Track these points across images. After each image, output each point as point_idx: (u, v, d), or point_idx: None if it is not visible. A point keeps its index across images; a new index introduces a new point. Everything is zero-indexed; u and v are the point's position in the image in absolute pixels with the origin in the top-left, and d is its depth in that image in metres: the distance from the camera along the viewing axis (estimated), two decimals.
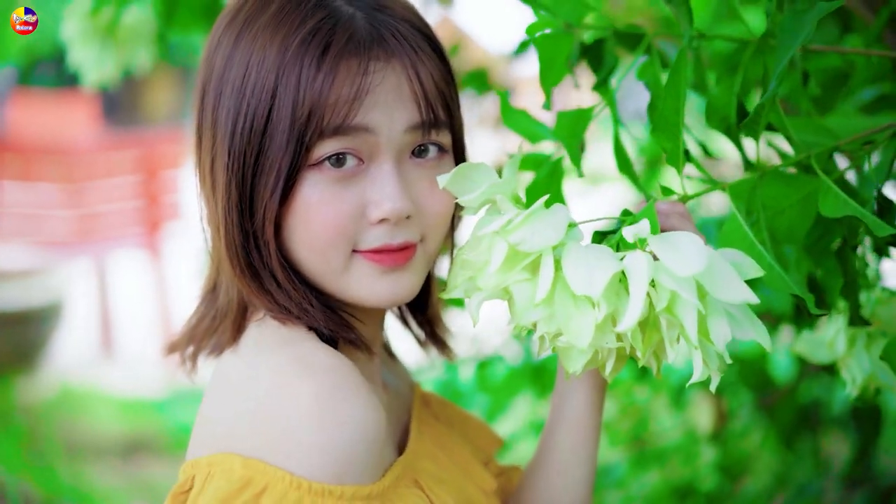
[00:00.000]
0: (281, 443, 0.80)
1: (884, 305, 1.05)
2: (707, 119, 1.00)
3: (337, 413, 0.80)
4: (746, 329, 0.83)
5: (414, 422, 1.03)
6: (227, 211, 0.89)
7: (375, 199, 0.88)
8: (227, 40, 0.91)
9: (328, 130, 0.86)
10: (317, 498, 0.79)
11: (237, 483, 0.80)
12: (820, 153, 0.95)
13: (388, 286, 0.90)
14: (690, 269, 0.76)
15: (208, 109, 0.91)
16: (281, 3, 0.89)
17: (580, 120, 0.98)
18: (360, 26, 0.88)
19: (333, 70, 0.85)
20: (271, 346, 0.88)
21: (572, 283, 0.78)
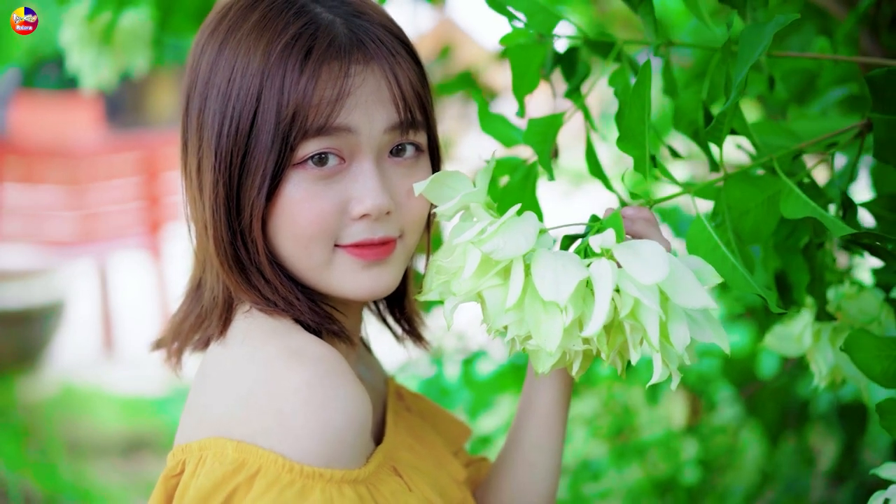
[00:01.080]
0: (274, 428, 0.83)
1: (851, 300, 1.08)
2: (675, 123, 1.03)
3: (327, 400, 0.84)
4: (707, 332, 0.86)
5: (389, 413, 1.06)
6: (215, 210, 0.91)
7: (357, 195, 0.91)
8: (211, 47, 0.94)
9: (312, 130, 0.89)
10: (308, 480, 0.82)
11: (231, 465, 0.83)
12: (783, 155, 0.98)
13: (369, 280, 0.93)
14: (652, 277, 0.80)
15: (194, 114, 0.94)
16: (263, 12, 0.92)
17: (551, 126, 1.01)
18: (340, 31, 0.91)
19: (316, 73, 0.89)
20: (261, 336, 0.90)
21: (541, 289, 0.81)
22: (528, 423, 1.09)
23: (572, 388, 1.10)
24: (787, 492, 2.19)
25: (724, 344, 0.87)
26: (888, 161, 0.95)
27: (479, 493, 1.15)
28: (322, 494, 0.82)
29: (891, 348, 0.94)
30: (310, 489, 0.82)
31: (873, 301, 1.08)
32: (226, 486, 0.83)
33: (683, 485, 2.28)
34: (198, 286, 1.00)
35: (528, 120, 1.01)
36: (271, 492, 0.81)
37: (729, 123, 0.94)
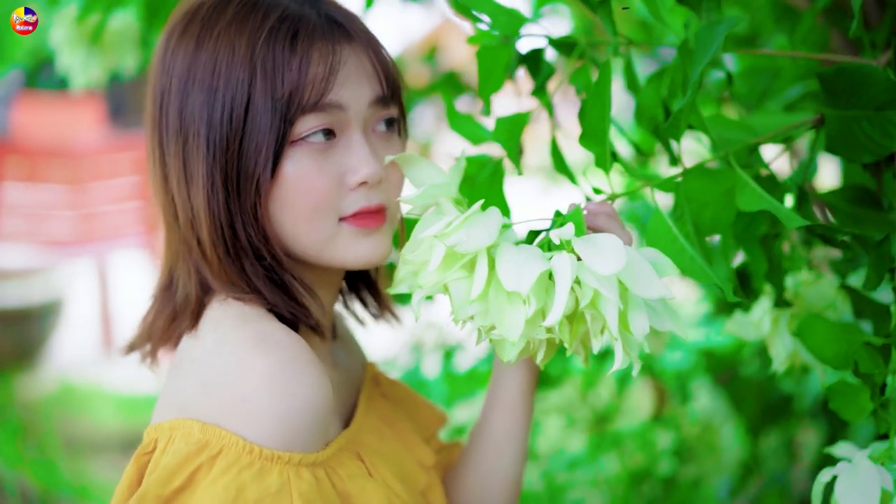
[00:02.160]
0: (237, 411, 0.86)
1: (809, 287, 1.12)
2: (637, 119, 1.06)
3: (288, 386, 0.87)
4: (665, 321, 0.89)
5: (362, 398, 1.09)
6: (211, 199, 0.94)
7: (352, 166, 0.95)
8: (184, 48, 0.96)
9: (308, 107, 0.93)
10: (266, 462, 0.85)
11: (195, 445, 0.86)
12: (739, 150, 1.02)
13: (368, 247, 0.97)
14: (610, 268, 0.82)
15: (172, 113, 0.96)
16: (236, 9, 0.95)
17: (517, 123, 1.03)
18: (314, 16, 0.96)
19: (307, 52, 0.93)
20: (231, 323, 0.93)
21: (504, 280, 0.84)
22: (496, 410, 1.12)
23: (538, 377, 1.13)
24: (771, 485, 2.21)
25: (683, 332, 0.91)
26: (839, 153, 0.98)
27: (448, 477, 1.18)
28: (279, 476, 0.86)
29: (842, 332, 0.97)
30: (268, 471, 0.85)
31: (831, 288, 1.11)
32: (189, 464, 0.85)
33: (659, 476, 2.31)
34: (167, 286, 1.03)
35: (496, 118, 1.04)
36: (231, 472, 0.84)
37: (686, 119, 0.97)
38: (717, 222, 1.02)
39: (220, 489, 0.84)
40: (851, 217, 1.08)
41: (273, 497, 0.85)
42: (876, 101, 0.94)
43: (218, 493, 0.84)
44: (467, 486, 1.15)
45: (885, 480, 0.89)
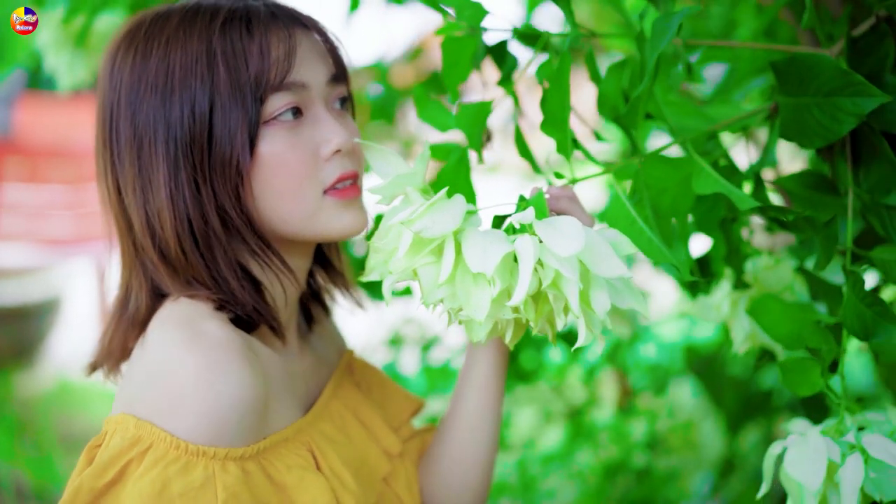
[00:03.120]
0: (166, 408, 0.88)
1: (769, 271, 1.14)
2: (599, 108, 1.08)
3: (214, 385, 0.88)
4: (627, 299, 0.91)
5: (330, 386, 1.10)
6: (174, 198, 0.95)
7: (324, 137, 0.98)
8: (131, 61, 0.97)
9: (274, 86, 0.95)
10: (192, 457, 0.87)
11: (128, 441, 0.88)
12: (697, 137, 1.04)
13: (351, 217, 1.00)
14: (570, 249, 0.83)
15: (121, 125, 0.97)
16: (181, 16, 0.97)
17: (481, 111, 1.05)
18: (261, 7, 0.98)
19: (265, 36, 0.96)
20: (175, 322, 0.94)
21: (470, 262, 0.85)
22: (468, 390, 1.13)
23: (508, 357, 1.14)
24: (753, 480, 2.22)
25: (645, 310, 0.93)
26: (792, 139, 1.00)
27: (422, 461, 1.19)
28: (204, 470, 0.87)
29: (795, 312, 0.99)
30: (193, 465, 0.87)
31: (788, 271, 1.13)
32: (122, 458, 0.88)
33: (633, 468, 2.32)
34: (124, 302, 1.03)
35: (459, 105, 1.05)
36: (157, 466, 0.87)
37: (643, 108, 0.98)
38: (676, 207, 1.04)
39: (146, 483, 0.86)
40: (808, 201, 1.10)
41: (197, 490, 0.87)
42: (825, 88, 0.96)
43: (145, 487, 0.86)
44: (441, 468, 1.16)
45: (832, 452, 0.91)
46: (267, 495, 0.92)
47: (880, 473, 0.90)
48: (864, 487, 0.91)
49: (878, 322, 0.93)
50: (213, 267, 0.97)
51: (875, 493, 0.90)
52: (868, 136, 0.99)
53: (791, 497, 0.94)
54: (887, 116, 1.00)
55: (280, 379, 1.00)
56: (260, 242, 0.99)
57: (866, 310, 0.93)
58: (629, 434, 2.33)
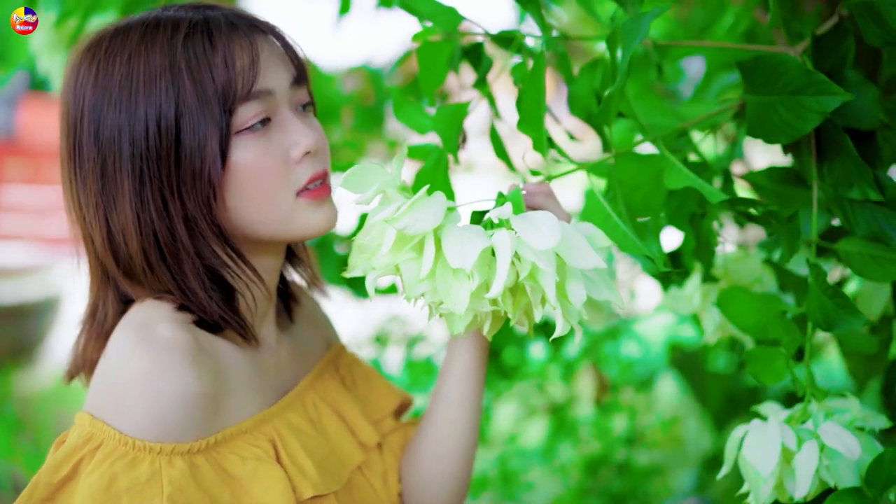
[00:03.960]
0: (116, 406, 0.91)
1: (738, 263, 1.16)
2: (571, 108, 1.09)
3: (157, 384, 0.90)
4: (602, 290, 0.92)
5: (308, 378, 1.11)
6: (139, 213, 0.95)
7: (293, 140, 0.98)
8: (93, 78, 0.97)
9: (242, 96, 0.95)
10: (139, 453, 0.89)
11: (83, 438, 0.91)
12: (667, 134, 1.05)
13: (324, 215, 1.01)
14: (545, 243, 0.85)
15: (84, 142, 0.97)
16: (141, 32, 0.96)
17: (457, 113, 1.06)
18: (220, 15, 0.98)
19: (228, 47, 0.95)
20: (131, 325, 0.95)
21: (449, 258, 0.86)
22: (449, 381, 1.14)
23: (488, 349, 1.16)
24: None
25: (619, 301, 0.94)
26: (759, 136, 1.01)
27: (405, 453, 1.20)
28: (150, 466, 0.89)
29: (761, 303, 1.01)
30: (140, 461, 0.89)
31: (757, 264, 1.15)
32: (76, 455, 0.91)
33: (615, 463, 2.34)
34: (93, 312, 1.05)
35: (436, 108, 1.06)
36: (106, 462, 0.89)
37: (615, 107, 1.00)
38: (648, 203, 1.06)
39: (95, 478, 0.88)
40: (776, 195, 1.11)
41: (143, 485, 0.89)
42: (790, 87, 0.97)
43: (94, 482, 0.88)
44: (422, 459, 1.17)
45: (787, 438, 0.93)
46: (217, 488, 0.93)
47: (834, 461, 0.93)
48: (819, 474, 0.93)
49: (839, 313, 0.94)
50: (181, 279, 0.98)
51: (830, 479, 0.92)
52: (831, 132, 1.01)
53: (747, 480, 0.96)
54: (849, 112, 1.02)
55: (244, 373, 1.01)
56: (230, 251, 0.99)
57: (828, 301, 0.95)
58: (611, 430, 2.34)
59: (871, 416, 0.97)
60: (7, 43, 2.36)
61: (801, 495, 0.92)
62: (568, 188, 1.08)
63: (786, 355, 0.97)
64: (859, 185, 0.99)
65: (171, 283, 0.98)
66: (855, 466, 0.93)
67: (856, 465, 0.93)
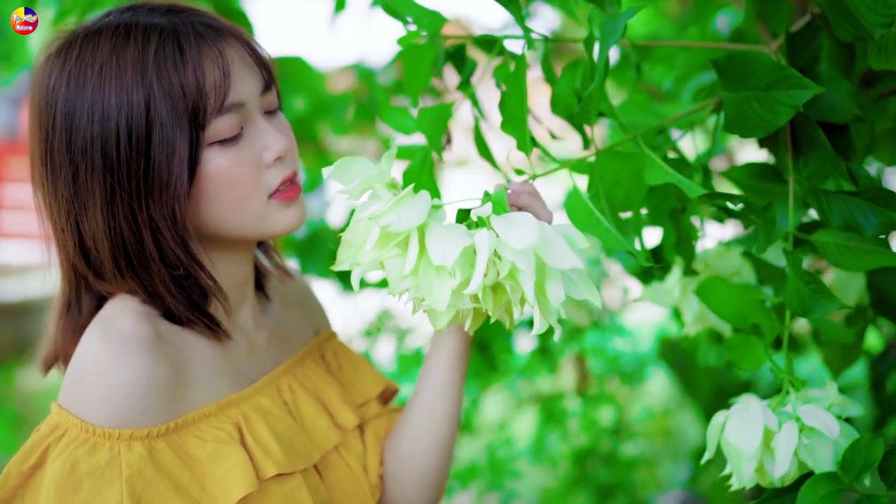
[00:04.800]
0: (78, 396, 0.94)
1: (719, 258, 1.17)
2: (552, 107, 1.10)
3: (112, 373, 0.93)
4: (581, 290, 0.93)
5: (287, 363, 1.13)
6: (109, 222, 0.97)
7: (265, 144, 1.00)
8: (66, 86, 0.97)
9: (214, 111, 0.96)
10: (99, 439, 0.92)
11: (50, 427, 0.94)
12: (646, 132, 1.06)
13: (294, 214, 1.04)
14: (524, 243, 0.85)
15: (56, 150, 0.98)
16: (112, 42, 0.97)
17: (441, 114, 1.07)
18: (190, 24, 0.98)
19: (198, 60, 0.96)
20: (99, 319, 0.99)
21: (432, 255, 0.87)
22: (431, 373, 1.16)
23: (471, 343, 1.17)
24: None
25: (597, 300, 0.96)
26: (735, 132, 1.02)
27: (387, 439, 1.21)
28: (110, 451, 0.92)
29: (740, 292, 1.02)
30: (100, 446, 0.92)
31: (737, 257, 1.16)
32: (43, 443, 0.94)
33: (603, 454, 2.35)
34: (67, 307, 1.07)
35: (420, 110, 1.07)
36: (68, 449, 0.92)
37: (595, 106, 1.01)
38: (630, 199, 1.07)
39: (59, 465, 0.91)
40: (755, 190, 1.13)
41: (102, 470, 0.91)
42: (763, 82, 0.98)
43: (57, 469, 0.91)
44: (402, 445, 1.18)
45: (769, 420, 0.95)
46: (178, 470, 0.95)
47: (813, 440, 0.94)
48: (799, 455, 0.94)
49: (815, 298, 0.96)
50: (148, 284, 1.00)
51: (808, 460, 0.94)
52: (806, 126, 1.02)
53: (730, 461, 0.97)
54: (823, 106, 1.03)
55: (211, 361, 1.03)
56: (193, 262, 1.00)
57: (804, 287, 0.96)
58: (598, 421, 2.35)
59: (846, 403, 0.99)
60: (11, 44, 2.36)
61: (780, 475, 0.93)
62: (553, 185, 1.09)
63: (764, 343, 0.98)
64: (833, 177, 1.00)
65: (139, 287, 1.00)
66: (833, 451, 0.94)
67: (833, 451, 0.94)
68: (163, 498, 0.93)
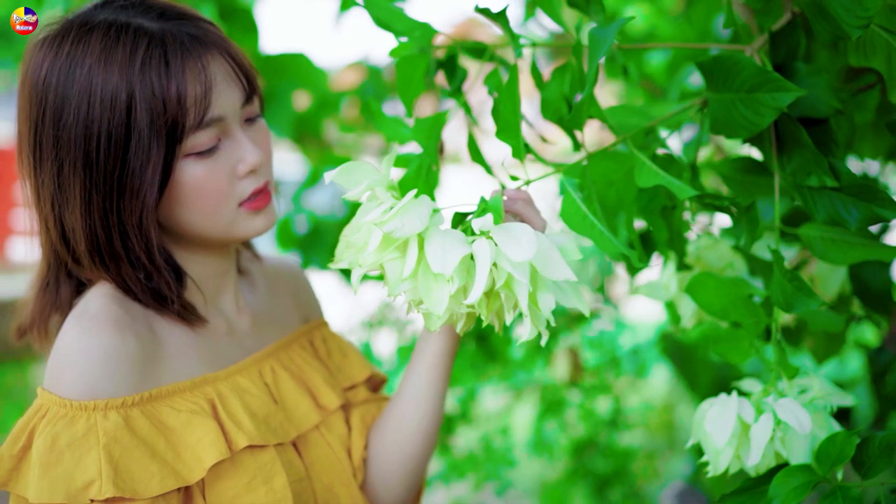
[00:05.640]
0: (55, 376, 0.98)
1: (710, 250, 1.19)
2: (543, 112, 1.12)
3: (82, 349, 0.97)
4: (572, 299, 0.95)
5: (271, 347, 1.17)
6: (86, 219, 1.00)
7: (240, 157, 1.03)
8: (56, 79, 0.99)
9: (192, 126, 0.98)
10: (76, 412, 0.96)
11: (34, 408, 0.99)
12: (636, 133, 1.08)
13: (262, 221, 1.08)
14: (522, 256, 0.87)
15: (45, 142, 1.00)
16: (103, 38, 0.98)
17: (435, 123, 1.08)
18: (178, 33, 0.99)
19: (182, 75, 0.98)
20: (79, 305, 1.03)
21: (431, 263, 0.88)
22: (417, 367, 1.18)
23: (458, 342, 1.19)
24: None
25: (585, 310, 0.97)
26: (721, 133, 1.03)
27: (373, 426, 1.24)
28: (87, 421, 0.96)
29: (728, 287, 1.04)
30: (77, 418, 0.96)
31: (727, 250, 1.19)
32: (29, 425, 0.98)
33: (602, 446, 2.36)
34: (45, 285, 1.11)
35: (415, 119, 1.09)
36: (49, 425, 0.96)
37: (587, 111, 1.02)
38: (621, 199, 1.09)
39: (41, 441, 0.96)
40: (741, 184, 1.15)
41: (80, 440, 0.95)
42: (747, 84, 0.99)
43: (40, 445, 0.95)
44: (386, 432, 1.21)
45: (744, 412, 0.97)
46: (153, 436, 0.99)
47: (788, 434, 0.96)
48: (775, 447, 0.96)
49: (797, 295, 0.98)
50: (119, 281, 1.04)
51: (784, 452, 0.96)
52: (789, 125, 1.03)
53: (706, 451, 1.00)
54: (804, 101, 1.05)
55: (183, 340, 1.07)
56: (156, 265, 1.04)
57: (787, 284, 0.99)
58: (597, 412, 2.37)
59: (836, 393, 1.01)
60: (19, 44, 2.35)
61: (752, 463, 0.95)
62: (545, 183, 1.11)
63: (750, 336, 1.01)
64: (816, 173, 1.02)
65: (112, 280, 1.04)
66: (809, 444, 0.96)
67: (810, 443, 0.96)
68: (139, 463, 0.97)
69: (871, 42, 1.01)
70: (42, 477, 0.94)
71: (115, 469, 0.95)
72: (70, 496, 0.94)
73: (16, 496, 0.98)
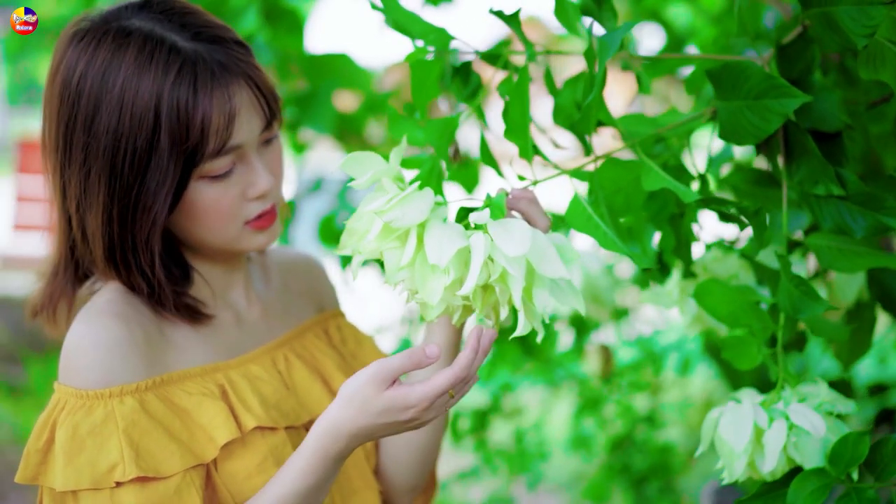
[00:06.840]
0: (70, 369, 1.01)
1: (718, 262, 1.17)
2: (555, 118, 1.13)
3: (93, 338, 1.00)
4: (568, 297, 0.94)
5: (285, 336, 1.18)
6: (105, 226, 1.02)
7: (251, 181, 1.05)
8: (89, 83, 1.00)
9: (211, 154, 1.00)
10: (93, 401, 0.99)
11: (53, 403, 1.01)
12: (644, 140, 1.08)
13: (266, 237, 1.10)
14: (516, 251, 0.87)
15: (76, 145, 1.01)
16: (138, 50, 0.99)
17: (448, 126, 1.08)
18: (208, 59, 1.00)
19: (209, 104, 0.99)
20: (93, 300, 1.06)
21: (428, 254, 0.88)
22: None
23: (461, 333, 1.18)
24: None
25: (581, 307, 0.96)
26: (729, 140, 1.03)
27: None
28: (104, 409, 0.98)
29: (735, 294, 1.03)
30: (94, 407, 0.98)
31: (734, 262, 1.17)
32: (50, 420, 1.00)
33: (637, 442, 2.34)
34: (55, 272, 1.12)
35: (428, 122, 1.09)
36: (69, 416, 0.98)
37: (595, 116, 1.02)
38: (629, 205, 1.08)
39: (62, 432, 0.98)
40: (751, 195, 1.14)
41: (100, 426, 0.98)
42: (754, 91, 0.99)
43: (61, 436, 0.97)
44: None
45: (759, 417, 0.96)
46: (168, 418, 1.01)
47: (801, 439, 0.95)
48: (787, 452, 0.95)
49: (804, 300, 0.97)
50: (128, 283, 1.06)
51: (797, 456, 0.95)
52: (797, 134, 1.02)
53: (722, 457, 0.98)
54: (815, 115, 1.04)
55: (191, 333, 1.09)
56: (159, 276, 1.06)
57: (795, 290, 0.98)
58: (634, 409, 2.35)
59: (838, 400, 1.00)
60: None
61: (769, 469, 0.94)
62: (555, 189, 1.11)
63: (757, 342, 1.00)
64: (823, 182, 1.01)
65: (124, 283, 1.06)
66: (822, 447, 0.95)
67: (822, 447, 0.95)
68: (159, 443, 0.99)
69: (881, 55, 1.00)
70: (67, 465, 0.96)
71: (136, 451, 0.97)
72: (95, 481, 0.96)
73: (46, 489, 1.00)
